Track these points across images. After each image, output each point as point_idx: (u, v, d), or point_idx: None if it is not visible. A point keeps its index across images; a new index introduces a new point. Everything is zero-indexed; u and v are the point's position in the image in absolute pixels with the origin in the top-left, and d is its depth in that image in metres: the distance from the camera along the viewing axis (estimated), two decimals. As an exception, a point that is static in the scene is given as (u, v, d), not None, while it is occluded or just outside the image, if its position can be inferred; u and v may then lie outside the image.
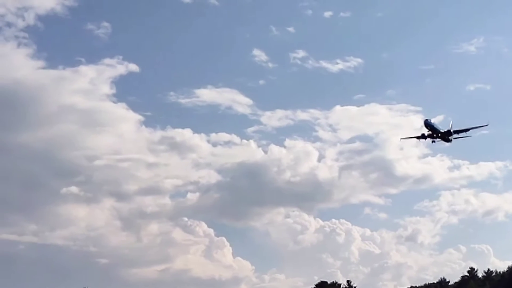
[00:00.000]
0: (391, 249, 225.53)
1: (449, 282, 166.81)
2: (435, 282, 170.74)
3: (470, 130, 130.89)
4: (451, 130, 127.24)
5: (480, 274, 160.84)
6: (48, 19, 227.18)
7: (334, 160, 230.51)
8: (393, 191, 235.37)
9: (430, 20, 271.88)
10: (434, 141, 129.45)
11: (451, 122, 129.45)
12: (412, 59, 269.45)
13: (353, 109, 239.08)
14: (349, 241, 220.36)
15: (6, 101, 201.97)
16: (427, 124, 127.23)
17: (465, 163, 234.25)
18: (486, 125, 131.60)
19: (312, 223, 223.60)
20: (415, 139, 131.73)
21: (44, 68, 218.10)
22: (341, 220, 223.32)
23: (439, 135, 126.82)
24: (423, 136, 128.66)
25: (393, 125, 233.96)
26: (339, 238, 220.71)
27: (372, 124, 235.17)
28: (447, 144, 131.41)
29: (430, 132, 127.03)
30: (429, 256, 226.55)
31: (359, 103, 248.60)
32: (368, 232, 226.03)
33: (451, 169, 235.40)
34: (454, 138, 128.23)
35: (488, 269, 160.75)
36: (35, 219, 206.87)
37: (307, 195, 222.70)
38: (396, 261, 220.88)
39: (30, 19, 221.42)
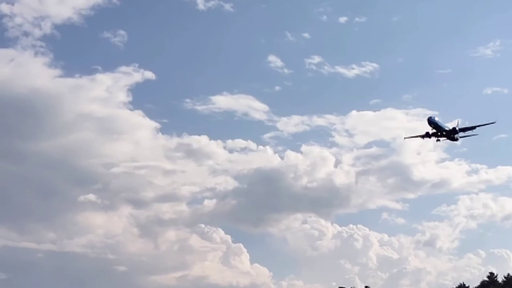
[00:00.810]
0: (409, 254, 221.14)
1: (468, 287, 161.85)
2: (454, 287, 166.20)
3: (477, 128, 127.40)
4: (457, 128, 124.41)
5: (500, 279, 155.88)
6: (64, 28, 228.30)
7: (351, 165, 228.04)
8: (410, 196, 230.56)
9: (446, 24, 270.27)
10: (439, 140, 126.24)
11: (458, 120, 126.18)
12: (428, 63, 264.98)
13: (369, 114, 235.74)
14: (367, 247, 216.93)
15: (24, 110, 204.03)
16: (431, 121, 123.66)
17: (483, 167, 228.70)
18: (494, 123, 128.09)
19: (330, 228, 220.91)
20: (420, 138, 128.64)
21: (61, 76, 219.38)
22: (359, 226, 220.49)
23: (444, 133, 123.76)
24: (427, 135, 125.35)
25: (410, 129, 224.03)
26: (356, 244, 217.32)
27: (389, 129, 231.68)
28: (456, 143, 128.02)
29: (435, 131, 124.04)
30: (448, 261, 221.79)
31: (375, 108, 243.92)
32: (386, 237, 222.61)
33: (469, 173, 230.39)
34: (461, 137, 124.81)
35: (508, 274, 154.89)
36: (53, 227, 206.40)
37: (324, 200, 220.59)
38: (414, 266, 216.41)
39: (47, 28, 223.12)
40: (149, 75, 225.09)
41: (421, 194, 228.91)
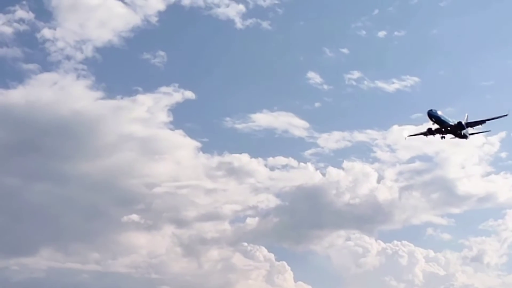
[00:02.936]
0: (456, 270, 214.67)
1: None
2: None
3: (487, 121, 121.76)
4: (463, 123, 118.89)
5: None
6: (105, 51, 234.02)
7: (394, 181, 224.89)
8: (456, 210, 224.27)
9: (487, 35, 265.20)
10: (444, 137, 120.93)
11: (466, 115, 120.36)
12: (470, 75, 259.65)
13: (411, 128, 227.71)
14: (412, 263, 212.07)
15: (67, 132, 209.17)
16: (432, 115, 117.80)
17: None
18: (506, 115, 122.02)
19: (374, 245, 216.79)
20: (423, 136, 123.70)
21: (102, 98, 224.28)
22: (403, 242, 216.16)
23: (449, 129, 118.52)
24: (430, 132, 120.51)
25: (453, 143, 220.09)
26: (402, 260, 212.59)
27: (431, 143, 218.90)
28: (465, 141, 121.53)
29: (438, 126, 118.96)
30: (497, 277, 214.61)
31: (417, 122, 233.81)
32: (431, 253, 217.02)
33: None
34: (471, 134, 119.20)
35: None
36: (97, 248, 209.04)
37: (368, 217, 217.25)
38: (462, 282, 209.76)
39: (88, 51, 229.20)
40: (189, 94, 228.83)
41: (466, 209, 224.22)
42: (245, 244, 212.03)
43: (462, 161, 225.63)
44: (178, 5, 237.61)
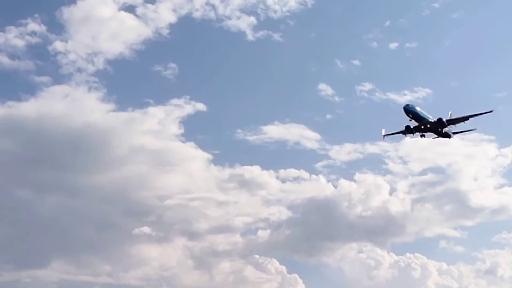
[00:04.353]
0: (469, 283, 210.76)
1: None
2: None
3: (470, 118, 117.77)
4: (443, 119, 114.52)
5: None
6: (117, 63, 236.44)
7: (406, 193, 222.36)
8: (469, 223, 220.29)
9: (500, 47, 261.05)
10: (424, 135, 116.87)
11: (450, 113, 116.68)
12: (482, 86, 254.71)
13: (423, 140, 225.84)
14: (425, 276, 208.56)
15: (79, 144, 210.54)
16: (408, 111, 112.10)
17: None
18: (491, 111, 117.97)
19: (386, 258, 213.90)
20: (401, 134, 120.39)
21: (114, 111, 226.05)
22: (416, 254, 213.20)
23: (429, 126, 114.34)
24: (408, 130, 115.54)
25: (465, 155, 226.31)
26: (414, 273, 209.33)
27: (444, 155, 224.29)
28: (448, 140, 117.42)
29: (417, 124, 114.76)
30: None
31: (429, 135, 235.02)
32: (444, 266, 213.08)
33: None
34: (455, 133, 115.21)
35: None
36: (109, 260, 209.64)
37: (380, 229, 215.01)
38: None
39: (100, 63, 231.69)
40: (200, 106, 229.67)
41: (480, 221, 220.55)
42: (257, 256, 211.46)
43: (475, 173, 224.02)
44: (189, 17, 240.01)
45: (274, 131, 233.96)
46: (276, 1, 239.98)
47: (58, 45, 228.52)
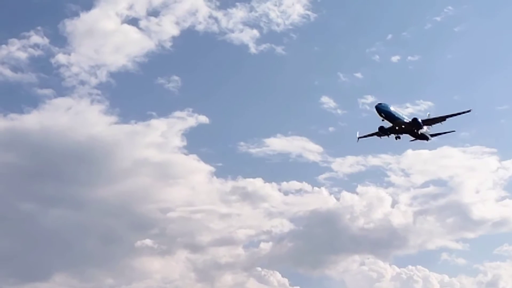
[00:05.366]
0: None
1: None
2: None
3: (447, 118, 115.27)
4: (419, 120, 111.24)
5: None
6: (119, 76, 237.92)
7: (408, 205, 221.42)
8: (470, 235, 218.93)
9: (502, 60, 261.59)
10: (399, 137, 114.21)
11: (428, 114, 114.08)
12: (484, 100, 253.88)
13: (425, 152, 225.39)
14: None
15: (82, 157, 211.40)
16: (381, 110, 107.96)
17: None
18: (469, 111, 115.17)
19: (388, 270, 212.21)
20: (376, 136, 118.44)
21: (117, 123, 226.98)
22: (418, 267, 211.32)
23: (403, 127, 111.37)
24: (382, 131, 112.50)
25: (467, 167, 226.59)
26: (416, 285, 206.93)
27: (446, 168, 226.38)
28: (426, 142, 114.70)
29: (391, 124, 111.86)
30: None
31: (431, 147, 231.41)
32: (446, 278, 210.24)
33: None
34: (433, 135, 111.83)
35: None
36: (111, 273, 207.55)
37: (382, 241, 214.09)
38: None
39: (103, 76, 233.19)
40: (203, 119, 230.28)
41: (481, 234, 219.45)
42: (259, 269, 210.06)
43: (477, 185, 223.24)
44: (192, 30, 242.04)
45: (277, 143, 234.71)
46: (279, 14, 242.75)
47: (61, 57, 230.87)
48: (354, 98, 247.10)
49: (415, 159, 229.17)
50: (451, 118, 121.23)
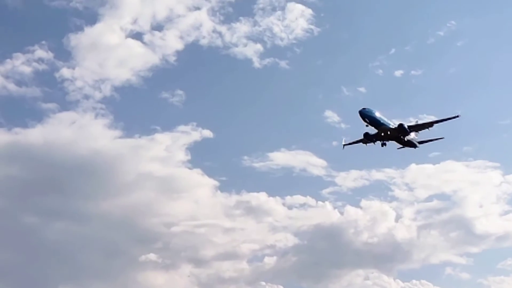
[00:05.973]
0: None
1: None
2: None
3: (434, 124, 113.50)
4: (405, 125, 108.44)
5: None
6: (124, 90, 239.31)
7: (412, 220, 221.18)
8: (474, 250, 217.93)
9: (504, 74, 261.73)
10: (385, 144, 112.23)
11: (416, 120, 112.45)
12: (487, 114, 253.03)
13: (429, 167, 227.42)
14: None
15: (86, 171, 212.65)
16: (365, 115, 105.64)
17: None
18: (458, 116, 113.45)
19: (392, 284, 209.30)
20: (361, 143, 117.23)
21: (121, 137, 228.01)
22: (422, 281, 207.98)
23: (389, 133, 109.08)
24: (367, 137, 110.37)
25: (471, 182, 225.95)
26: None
27: (450, 182, 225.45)
28: (414, 149, 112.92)
29: (376, 131, 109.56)
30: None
31: (435, 161, 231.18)
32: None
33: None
34: (421, 142, 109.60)
35: None
36: (115, 287, 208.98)
37: (386, 256, 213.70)
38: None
39: (107, 90, 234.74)
40: (207, 133, 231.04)
41: (485, 248, 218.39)
42: (263, 283, 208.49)
43: (480, 199, 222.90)
44: (196, 44, 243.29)
45: (281, 158, 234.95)
46: (282, 28, 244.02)
47: (65, 72, 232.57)
48: (357, 112, 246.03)
49: (418, 173, 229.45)
50: (439, 123, 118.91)
